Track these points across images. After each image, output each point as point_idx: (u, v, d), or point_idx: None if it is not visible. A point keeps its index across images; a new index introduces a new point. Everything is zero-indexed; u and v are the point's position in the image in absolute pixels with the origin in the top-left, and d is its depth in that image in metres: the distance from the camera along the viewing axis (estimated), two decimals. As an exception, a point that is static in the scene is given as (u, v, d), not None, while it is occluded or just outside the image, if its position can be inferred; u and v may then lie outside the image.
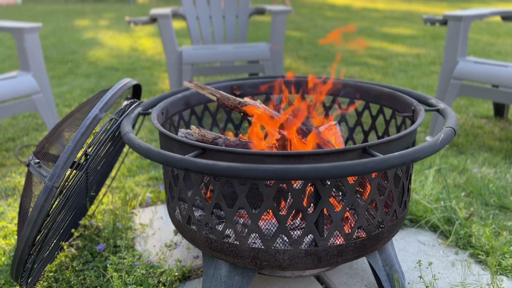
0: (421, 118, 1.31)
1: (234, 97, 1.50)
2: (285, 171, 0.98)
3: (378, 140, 1.14)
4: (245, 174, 0.99)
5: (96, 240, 1.74)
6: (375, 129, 1.71)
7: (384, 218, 1.26)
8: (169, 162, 1.07)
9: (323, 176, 0.99)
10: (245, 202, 1.15)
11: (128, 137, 1.22)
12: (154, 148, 1.12)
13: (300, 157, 1.10)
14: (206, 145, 1.14)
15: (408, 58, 5.57)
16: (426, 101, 1.53)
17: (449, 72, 2.73)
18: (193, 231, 1.29)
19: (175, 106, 1.61)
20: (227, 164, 1.01)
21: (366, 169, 1.00)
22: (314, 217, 1.15)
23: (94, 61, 5.66)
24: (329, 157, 1.10)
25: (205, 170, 1.02)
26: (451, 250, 1.68)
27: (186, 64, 3.22)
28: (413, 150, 1.06)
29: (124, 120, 1.38)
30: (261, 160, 1.11)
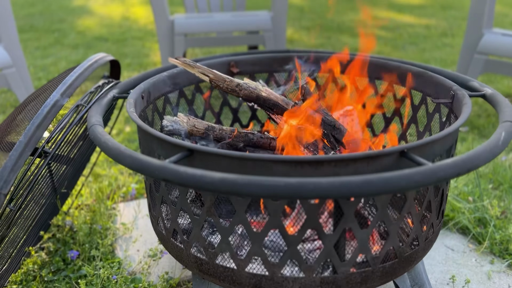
0: (468, 108, 1.03)
1: (230, 78, 1.21)
2: (299, 187, 0.71)
3: (419, 141, 0.86)
4: (245, 190, 0.72)
5: (70, 244, 1.49)
6: (399, 115, 1.43)
7: (420, 234, 1.00)
8: (144, 169, 0.80)
9: (352, 194, 0.72)
10: (244, 218, 0.89)
11: (94, 132, 0.95)
12: (125, 149, 0.85)
13: (318, 164, 0.82)
14: (194, 146, 0.86)
15: (418, 29, 5.22)
16: (465, 83, 1.25)
17: (473, 45, 2.43)
18: (179, 248, 1.03)
19: (160, 87, 1.32)
20: (221, 176, 0.74)
21: (411, 184, 0.73)
22: (334, 238, 0.89)
23: (83, 30, 5.30)
24: (356, 164, 0.83)
25: (190, 183, 0.75)
26: (486, 259, 1.43)
27: (179, 35, 2.90)
28: (470, 157, 0.79)
29: (93, 107, 1.10)
30: (266, 166, 0.84)
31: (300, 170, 0.83)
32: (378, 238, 1.04)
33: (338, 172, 0.83)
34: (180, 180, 0.76)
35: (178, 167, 0.77)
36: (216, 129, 1.23)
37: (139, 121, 0.99)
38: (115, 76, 1.52)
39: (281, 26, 3.01)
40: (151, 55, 4.19)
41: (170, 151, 0.92)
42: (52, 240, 1.52)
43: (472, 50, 2.43)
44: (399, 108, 1.42)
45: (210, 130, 1.22)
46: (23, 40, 4.75)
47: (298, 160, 0.82)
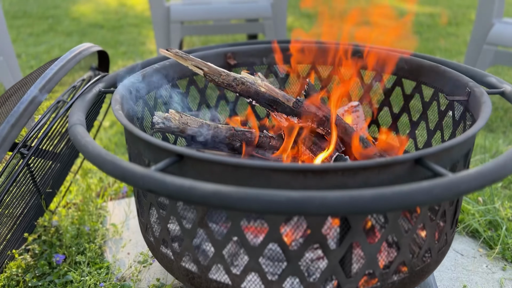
0: (488, 107, 0.93)
1: (226, 72, 1.11)
2: (303, 203, 0.62)
3: (436, 148, 0.77)
4: (241, 205, 0.63)
5: (56, 246, 1.40)
6: (409, 112, 1.33)
7: (433, 246, 0.91)
8: (127, 178, 0.71)
9: (364, 211, 0.63)
10: (239, 231, 0.80)
11: (74, 133, 0.85)
12: (106, 154, 0.75)
13: (323, 174, 0.73)
14: (184, 151, 0.77)
15: (421, 17, 5.09)
16: (482, 79, 1.15)
17: (482, 36, 2.33)
18: (170, 259, 0.95)
19: (150, 81, 1.22)
20: (213, 189, 0.64)
21: (430, 199, 0.64)
22: (339, 254, 0.80)
23: (78, 17, 5.16)
24: (366, 173, 0.74)
25: (178, 196, 0.66)
26: (497, 265, 1.35)
27: (175, 22, 2.79)
28: (496, 166, 0.70)
29: (75, 103, 1.00)
30: (265, 175, 0.74)
31: (302, 180, 0.73)
32: (388, 249, 0.95)
33: (346, 182, 0.74)
34: (167, 192, 0.67)
35: (164, 177, 0.67)
36: (211, 127, 1.13)
37: (125, 120, 0.90)
38: (104, 67, 1.42)
39: (281, 14, 2.90)
40: (148, 43, 4.07)
41: (158, 155, 0.83)
42: (37, 241, 1.43)
43: (481, 40, 2.33)
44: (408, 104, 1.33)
45: (204, 128, 1.12)
46: (16, 27, 4.62)
47: (300, 169, 0.73)
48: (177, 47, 2.82)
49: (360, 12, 1.32)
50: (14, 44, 4.02)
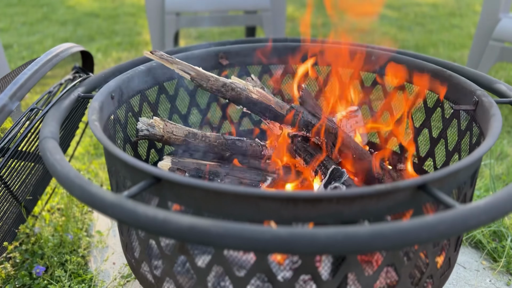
0: (498, 121, 0.85)
1: (215, 77, 1.03)
2: (291, 242, 0.55)
3: (441, 172, 0.69)
4: (220, 243, 0.56)
5: (38, 254, 1.33)
6: (411, 118, 1.26)
7: (435, 272, 0.84)
8: (96, 205, 0.63)
9: (359, 250, 0.55)
10: (223, 260, 0.73)
11: (43, 148, 0.77)
12: (75, 176, 0.68)
13: (315, 202, 0.66)
14: (162, 174, 0.69)
15: (424, 8, 4.98)
16: (490, 85, 1.07)
17: (488, 31, 2.23)
18: (150, 282, 0.88)
19: (135, 83, 1.14)
20: (189, 223, 0.57)
21: (434, 236, 0.57)
22: (333, 286, 0.73)
23: (73, 5, 5.04)
24: (363, 201, 0.67)
25: (150, 229, 0.59)
26: (501, 279, 1.28)
27: (170, 14, 2.69)
28: (509, 196, 0.62)
29: (50, 112, 0.92)
30: (251, 203, 0.67)
31: (292, 208, 0.66)
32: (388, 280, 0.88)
33: (341, 211, 0.67)
34: (138, 225, 0.59)
35: (135, 207, 0.60)
36: (198, 135, 1.05)
37: (100, 134, 0.81)
38: (88, 67, 1.34)
39: (280, 5, 2.80)
40: (144, 33, 3.97)
41: (134, 175, 0.75)
42: (19, 249, 1.36)
43: (487, 36, 2.24)
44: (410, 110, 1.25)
45: (191, 138, 1.05)
46: (10, 15, 4.52)
47: (290, 197, 0.66)
48: (172, 40, 2.73)
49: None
50: (7, 33, 3.93)
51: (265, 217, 0.67)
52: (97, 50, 3.44)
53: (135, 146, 1.17)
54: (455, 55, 3.37)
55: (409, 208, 0.70)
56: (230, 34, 4.01)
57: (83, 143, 2.06)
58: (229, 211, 0.68)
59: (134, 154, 1.17)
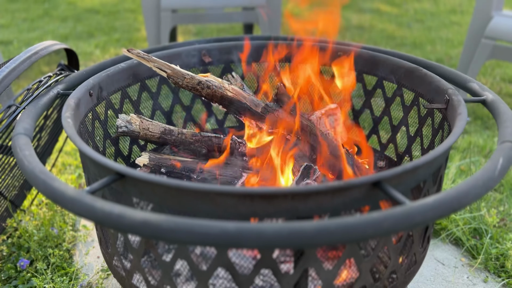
0: (462, 120, 0.87)
1: (191, 75, 1.05)
2: (238, 236, 0.57)
3: (397, 170, 0.71)
4: (171, 237, 0.58)
5: (25, 248, 1.36)
6: (390, 115, 1.27)
7: (399, 268, 0.86)
8: (57, 200, 0.66)
9: (304, 245, 0.57)
10: (186, 254, 0.75)
11: (14, 144, 0.80)
12: (40, 172, 0.70)
13: (272, 198, 0.67)
14: (125, 170, 0.71)
15: (425, 4, 4.95)
16: (464, 84, 1.08)
17: (480, 29, 2.23)
18: (121, 275, 0.90)
19: (115, 81, 1.16)
20: (142, 218, 0.59)
21: (379, 232, 0.59)
22: (293, 280, 0.75)
23: (74, 1, 5.07)
24: (318, 197, 0.68)
25: (107, 223, 0.61)
26: (479, 276, 1.29)
27: (165, 11, 2.70)
28: (457, 195, 0.63)
29: (26, 109, 0.94)
30: (209, 199, 0.69)
31: (249, 204, 0.68)
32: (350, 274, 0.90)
33: (296, 207, 0.68)
34: (95, 219, 0.61)
35: (93, 202, 0.62)
36: (174, 132, 1.07)
37: (71, 131, 0.84)
38: (74, 65, 1.36)
39: (276, 2, 2.80)
40: (143, 29, 3.99)
41: (100, 171, 0.77)
42: (6, 243, 1.39)
43: (479, 34, 2.23)
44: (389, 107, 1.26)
45: (167, 134, 1.07)
46: (11, 11, 4.56)
47: (247, 193, 0.67)
48: (168, 36, 2.75)
49: None
50: (7, 29, 3.96)
51: (223, 213, 0.69)
52: (95, 46, 3.46)
53: (116, 142, 1.19)
54: (452, 52, 3.36)
55: (365, 205, 0.72)
56: (229, 30, 4.02)
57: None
58: (188, 207, 0.70)
59: (115, 150, 1.19)
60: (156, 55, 1.22)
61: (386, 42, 3.56)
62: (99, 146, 1.10)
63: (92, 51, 3.33)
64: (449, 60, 3.17)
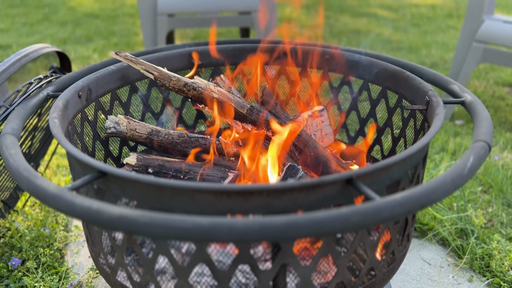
0: (439, 121, 0.89)
1: (177, 77, 1.07)
2: (211, 230, 0.59)
3: (369, 167, 0.73)
4: (146, 231, 0.60)
5: (17, 248, 1.38)
6: (375, 117, 1.29)
7: (377, 265, 0.88)
8: (39, 197, 0.68)
9: (274, 238, 0.59)
10: (167, 250, 0.77)
11: (1, 143, 0.82)
12: (24, 170, 0.72)
13: (248, 194, 0.70)
14: (107, 168, 0.74)
15: (422, 9, 4.99)
16: (446, 86, 1.10)
17: (472, 32, 2.25)
18: (106, 272, 0.92)
19: (105, 83, 1.19)
20: (119, 213, 0.61)
21: (348, 227, 0.61)
22: (271, 275, 0.77)
23: (74, 6, 5.12)
24: (293, 194, 0.70)
25: (85, 218, 0.63)
26: (464, 276, 1.31)
27: (162, 15, 2.74)
28: (426, 191, 0.66)
29: (15, 110, 0.97)
30: (187, 195, 0.71)
31: (226, 200, 0.70)
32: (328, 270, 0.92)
33: (271, 204, 0.70)
34: (75, 214, 0.64)
35: (73, 198, 0.64)
36: (161, 133, 1.10)
37: (57, 130, 0.86)
38: (66, 67, 1.39)
39: (271, 6, 2.84)
40: (141, 34, 4.02)
41: (83, 170, 0.80)
42: (-1, 243, 1.42)
43: (471, 37, 2.26)
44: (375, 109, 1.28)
45: (154, 135, 1.09)
46: (11, 16, 4.60)
47: (224, 190, 0.70)
48: (164, 40, 2.78)
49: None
50: (7, 34, 4.00)
51: (201, 209, 0.71)
52: (93, 50, 3.50)
53: (106, 143, 1.22)
54: (447, 56, 3.39)
55: (340, 201, 0.74)
56: (226, 34, 4.05)
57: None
58: (168, 204, 0.72)
59: (105, 152, 1.22)
60: (145, 58, 1.24)
61: (382, 47, 3.59)
62: (88, 147, 1.13)
63: (90, 55, 3.36)
64: (443, 64, 3.19)
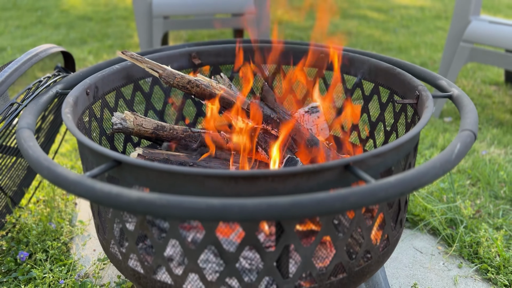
0: (429, 112, 0.95)
1: (181, 74, 1.13)
2: (222, 210, 0.64)
3: (365, 154, 0.79)
4: (164, 212, 0.66)
5: (23, 242, 1.42)
6: (368, 112, 1.36)
7: (372, 248, 0.94)
8: (60, 184, 0.73)
9: (280, 217, 0.65)
10: (178, 234, 0.82)
11: (19, 137, 0.87)
12: (44, 160, 0.77)
13: (253, 180, 0.75)
14: (121, 157, 0.79)
15: (411, 11, 5.09)
16: (434, 81, 1.17)
17: (459, 33, 2.34)
18: (118, 259, 0.97)
19: (110, 81, 1.24)
20: (138, 196, 0.67)
21: (346, 206, 0.67)
22: (275, 256, 0.83)
23: (67, 9, 5.15)
24: (295, 179, 0.76)
25: (106, 202, 0.68)
26: (454, 262, 1.38)
27: (157, 17, 2.79)
28: (417, 174, 0.72)
29: (28, 106, 1.01)
30: (198, 181, 0.77)
31: (234, 185, 0.76)
32: (327, 253, 0.98)
33: (276, 188, 0.76)
34: (95, 198, 0.69)
35: (93, 184, 0.69)
36: (166, 128, 1.15)
37: (71, 124, 0.91)
38: (70, 67, 1.44)
39: (264, 8, 2.90)
40: (135, 36, 4.07)
41: (99, 160, 0.85)
42: (6, 238, 1.46)
43: (458, 37, 2.34)
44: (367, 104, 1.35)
45: (159, 130, 1.14)
46: (4, 19, 4.62)
47: (232, 175, 0.75)
48: (160, 42, 2.83)
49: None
50: (1, 36, 4.02)
51: (210, 194, 0.77)
52: (88, 52, 3.53)
53: (111, 139, 1.27)
54: (436, 56, 3.48)
55: (338, 186, 0.80)
56: (219, 36, 4.11)
57: (70, 141, 2.16)
58: (179, 189, 0.78)
59: (110, 146, 1.27)
60: (149, 57, 1.29)
61: (372, 47, 3.67)
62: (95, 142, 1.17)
63: (86, 57, 3.40)
64: (432, 64, 3.28)
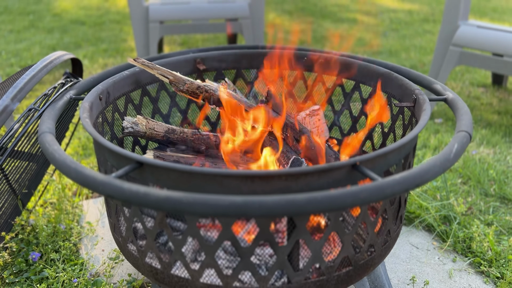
0: (427, 115, 1.02)
1: (191, 80, 1.18)
2: (244, 206, 0.70)
3: (371, 154, 0.86)
4: (190, 209, 0.71)
5: (33, 244, 1.46)
6: (366, 115, 1.42)
7: (376, 242, 1.00)
8: (88, 184, 0.78)
9: (298, 212, 0.71)
10: (196, 231, 0.88)
11: (42, 141, 0.92)
12: (70, 162, 0.82)
13: (268, 179, 0.81)
14: (143, 159, 0.84)
15: (400, 14, 5.20)
16: (429, 85, 1.24)
17: (448, 37, 2.42)
18: (135, 256, 1.02)
19: (120, 87, 1.29)
20: (166, 194, 0.72)
21: (357, 202, 0.73)
22: (286, 250, 0.88)
23: (59, 13, 5.16)
24: (307, 178, 0.82)
25: (134, 201, 0.74)
26: (448, 257, 1.45)
27: (153, 22, 2.84)
28: (420, 172, 0.78)
29: (46, 111, 1.06)
30: (216, 181, 0.82)
31: (250, 184, 0.81)
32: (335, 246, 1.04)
33: (289, 186, 0.82)
34: (124, 197, 0.74)
35: (121, 184, 0.75)
36: (177, 131, 1.20)
37: (91, 129, 0.96)
38: (78, 73, 1.48)
39: (259, 13, 2.96)
40: (129, 40, 4.10)
41: (120, 162, 0.90)
42: (15, 240, 1.49)
43: (448, 41, 2.43)
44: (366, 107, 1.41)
45: (170, 133, 1.20)
46: (-4, 23, 4.62)
47: (248, 175, 0.81)
48: (156, 46, 2.88)
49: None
50: (-6, 41, 4.03)
51: (228, 192, 0.83)
52: (83, 56, 3.56)
53: (121, 142, 1.32)
54: (425, 59, 3.57)
55: (346, 184, 0.86)
56: (213, 40, 4.16)
57: (72, 144, 2.19)
58: (199, 189, 0.83)
59: (120, 150, 1.32)
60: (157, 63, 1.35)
61: (363, 51, 3.76)
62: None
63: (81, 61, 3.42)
64: (422, 67, 3.37)
